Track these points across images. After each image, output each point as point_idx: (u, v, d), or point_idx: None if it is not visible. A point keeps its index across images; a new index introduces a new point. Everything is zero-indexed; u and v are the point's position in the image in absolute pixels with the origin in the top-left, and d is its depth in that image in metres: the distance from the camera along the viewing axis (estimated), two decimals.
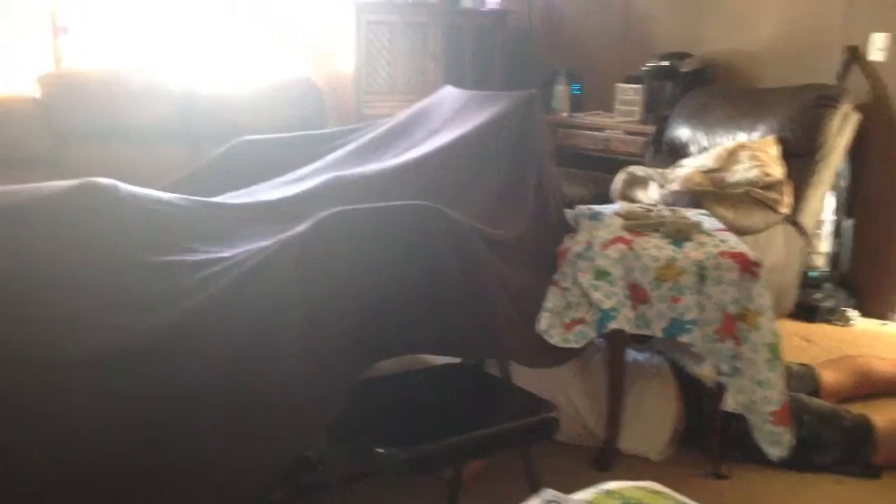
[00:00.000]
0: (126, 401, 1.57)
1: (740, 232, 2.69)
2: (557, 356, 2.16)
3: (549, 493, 1.08)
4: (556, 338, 2.16)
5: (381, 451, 1.54)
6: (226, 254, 1.84)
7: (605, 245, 2.27)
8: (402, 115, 2.82)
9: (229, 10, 4.36)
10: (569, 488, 1.15)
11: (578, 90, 4.54)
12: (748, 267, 2.20)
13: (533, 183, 2.42)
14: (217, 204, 2.17)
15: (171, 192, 2.22)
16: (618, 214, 2.49)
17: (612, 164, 3.76)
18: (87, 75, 3.69)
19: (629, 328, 2.20)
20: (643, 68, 4.09)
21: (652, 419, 2.40)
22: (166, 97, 3.72)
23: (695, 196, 2.98)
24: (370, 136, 2.77)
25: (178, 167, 2.89)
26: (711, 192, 3.12)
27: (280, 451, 1.65)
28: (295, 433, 1.64)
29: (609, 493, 1.12)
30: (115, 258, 1.78)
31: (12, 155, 3.31)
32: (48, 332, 1.60)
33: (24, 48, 3.76)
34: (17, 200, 1.82)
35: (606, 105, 4.38)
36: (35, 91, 3.54)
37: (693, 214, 2.59)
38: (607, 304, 2.19)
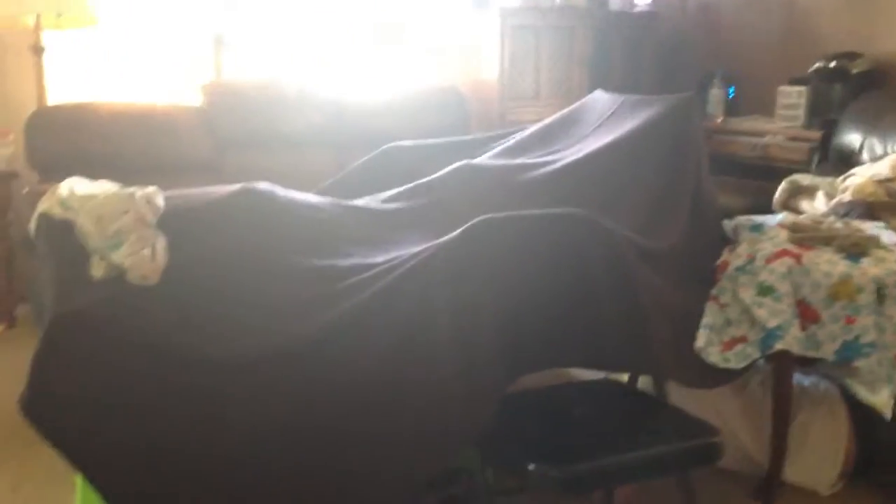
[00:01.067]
0: (282, 403, 1.60)
1: None
2: (716, 377, 2.03)
3: None
4: (714, 356, 2.03)
5: (533, 467, 1.48)
6: (378, 258, 1.85)
7: (770, 259, 2.11)
8: (551, 119, 2.76)
9: (377, 21, 4.45)
10: None
11: (734, 94, 4.30)
12: None
13: (689, 192, 2.30)
14: (370, 209, 2.19)
15: (321, 196, 2.26)
16: (782, 226, 2.32)
17: (771, 172, 3.53)
18: (245, 85, 3.86)
19: (797, 349, 2.04)
20: (809, 70, 3.82)
21: (820, 449, 2.21)
22: (318, 105, 3.84)
23: (869, 207, 2.73)
24: (516, 140, 2.74)
25: (327, 172, 2.95)
26: (888, 204, 2.86)
27: (426, 462, 1.63)
28: (442, 444, 1.61)
29: None
30: (274, 261, 1.83)
31: (178, 161, 3.51)
32: (217, 333, 1.66)
33: (188, 60, 3.99)
34: (185, 204, 1.90)
35: (764, 109, 4.12)
36: (197, 100, 3.74)
37: (869, 227, 2.37)
38: (772, 323, 2.03)
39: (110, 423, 1.55)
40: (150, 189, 1.85)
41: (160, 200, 1.82)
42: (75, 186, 1.83)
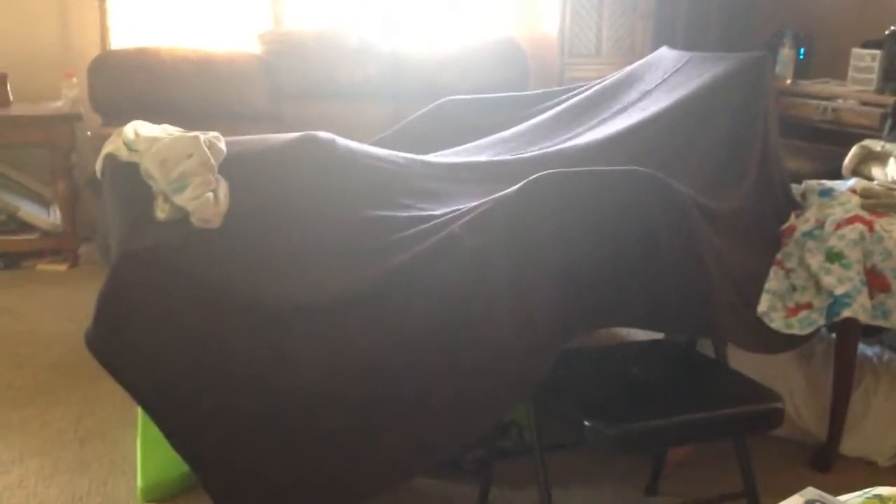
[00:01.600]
0: (346, 348, 1.61)
1: None
2: (779, 342, 1.98)
3: (812, 492, 0.97)
4: (777, 322, 1.99)
5: (589, 424, 1.47)
6: (437, 211, 1.84)
7: (840, 225, 2.05)
8: (613, 76, 2.69)
9: None
10: (783, 487, 1.05)
11: (804, 55, 4.14)
12: None
13: (757, 153, 2.23)
14: (429, 162, 2.17)
15: (379, 147, 2.25)
16: (853, 192, 2.24)
17: (841, 137, 3.41)
18: (303, 34, 3.84)
19: (864, 318, 1.98)
20: (884, 33, 3.65)
21: (880, 421, 2.16)
22: (376, 57, 3.81)
23: None
24: (577, 98, 2.68)
25: (384, 124, 2.94)
26: None
27: (481, 414, 1.63)
28: (499, 394, 1.61)
29: (881, 498, 0.99)
30: (333, 209, 1.83)
31: (237, 109, 3.53)
32: (278, 278, 1.67)
33: (245, 7, 3.98)
34: (246, 150, 1.90)
35: (836, 72, 3.97)
36: (256, 48, 3.74)
37: None
38: (840, 290, 1.97)
39: (173, 360, 1.58)
40: (213, 134, 1.85)
41: (223, 145, 1.83)
42: (140, 129, 1.84)
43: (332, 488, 1.62)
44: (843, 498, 0.98)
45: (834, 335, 2.14)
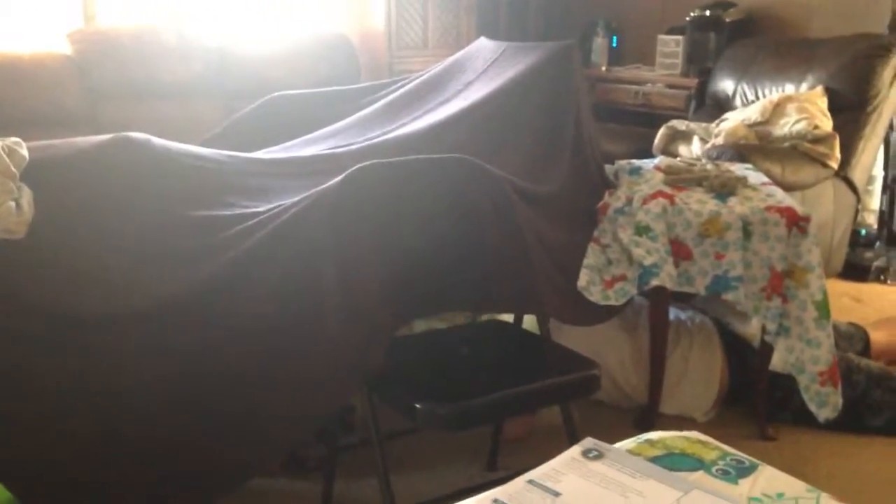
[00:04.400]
0: (169, 355, 1.57)
1: (788, 188, 2.59)
2: (598, 314, 2.11)
3: (590, 442, 1.05)
4: (596, 295, 2.11)
5: (420, 406, 1.51)
6: (261, 208, 1.82)
7: (646, 200, 2.20)
8: (436, 68, 2.75)
9: None
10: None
11: (617, 43, 4.41)
12: (796, 222, 2.12)
13: (571, 137, 2.35)
14: (252, 159, 2.14)
15: (206, 147, 2.20)
16: (658, 169, 2.41)
17: (653, 119, 3.67)
18: (117, 31, 3.66)
19: (671, 285, 2.14)
20: (686, 19, 3.95)
21: (696, 379, 2.35)
22: (199, 54, 3.70)
23: (739, 150, 2.88)
24: (403, 90, 2.71)
25: (212, 124, 2.86)
26: (757, 146, 3.02)
27: (318, 406, 1.64)
28: (333, 388, 1.62)
29: (651, 442, 1.09)
30: (152, 212, 1.77)
31: (48, 112, 3.32)
32: (90, 287, 1.60)
33: (54, 4, 3.73)
34: (52, 155, 1.80)
35: (646, 58, 4.25)
36: (66, 48, 3.52)
37: (738, 169, 2.50)
38: (648, 261, 2.13)
39: None
40: (13, 139, 1.74)
41: (24, 151, 1.72)
42: None
43: (171, 494, 1.58)
44: (618, 445, 1.07)
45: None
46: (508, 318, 2.11)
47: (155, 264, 1.68)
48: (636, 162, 2.51)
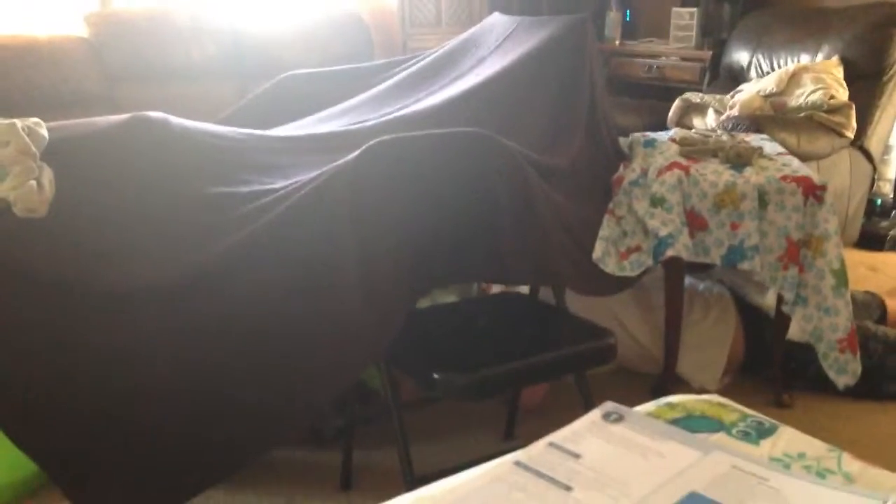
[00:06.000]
0: (189, 331, 1.59)
1: (804, 158, 2.58)
2: (613, 284, 2.12)
3: (610, 405, 1.07)
4: (611, 266, 2.12)
5: (438, 376, 1.54)
6: (278, 184, 1.84)
7: (661, 172, 2.20)
8: (450, 44, 2.75)
9: None
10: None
11: (630, 16, 4.38)
12: (812, 191, 2.11)
13: (585, 110, 2.36)
14: (269, 136, 2.16)
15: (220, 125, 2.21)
16: (673, 140, 2.41)
17: (668, 92, 3.65)
18: (133, 14, 3.68)
19: (687, 255, 2.15)
20: None
21: (711, 348, 2.36)
22: (213, 35, 3.71)
23: (755, 121, 2.86)
24: (417, 66, 2.72)
25: (227, 104, 2.88)
26: (772, 117, 3.00)
27: (336, 378, 1.66)
28: (350, 360, 1.65)
29: (671, 405, 1.10)
30: (170, 190, 1.79)
31: (66, 94, 3.34)
32: (111, 264, 1.62)
33: None
34: (71, 134, 1.83)
35: (660, 32, 4.22)
36: (83, 30, 3.55)
37: (754, 139, 2.50)
38: (664, 232, 2.13)
39: (5, 355, 1.51)
40: (33, 120, 1.76)
41: (44, 131, 1.75)
42: None
43: (194, 468, 1.61)
44: (637, 408, 1.08)
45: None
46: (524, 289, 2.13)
47: (174, 240, 1.71)
48: (651, 134, 2.50)
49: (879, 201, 3.48)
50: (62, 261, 1.62)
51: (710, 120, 3.17)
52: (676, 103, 3.31)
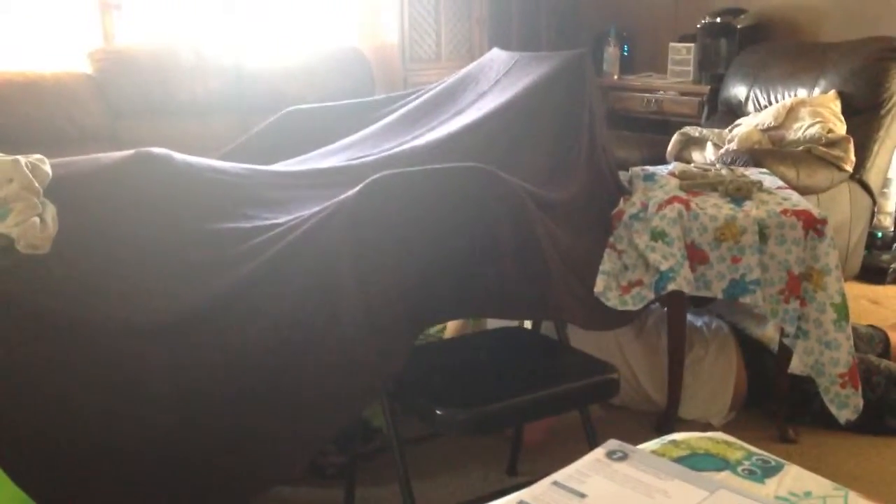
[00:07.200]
0: (191, 368, 1.59)
1: (803, 191, 2.60)
2: (614, 319, 2.12)
3: (614, 443, 1.06)
4: (613, 300, 2.12)
5: (440, 412, 1.53)
6: (280, 219, 1.85)
7: (661, 206, 2.21)
8: (450, 79, 2.78)
9: None
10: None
11: (628, 51, 4.43)
12: (813, 225, 2.12)
13: (585, 145, 2.37)
14: (271, 172, 2.17)
15: (223, 161, 2.23)
16: (672, 174, 2.42)
17: (666, 126, 3.68)
18: (137, 50, 3.72)
19: (688, 289, 2.15)
20: (697, 26, 3.97)
21: (713, 384, 2.35)
22: (216, 71, 3.74)
23: (754, 155, 2.88)
24: (418, 102, 2.74)
25: (229, 140, 2.90)
26: (771, 151, 3.02)
27: (338, 413, 1.65)
28: (352, 395, 1.64)
29: (675, 443, 1.09)
30: (173, 226, 1.80)
31: (69, 131, 3.37)
32: (113, 301, 1.63)
33: (74, 24, 3.80)
34: (74, 171, 1.84)
35: (658, 66, 4.27)
36: (86, 67, 3.58)
37: (753, 173, 2.51)
38: (665, 266, 2.13)
39: (6, 393, 1.50)
40: (37, 156, 1.78)
41: (47, 167, 1.76)
42: None
43: None
44: (642, 446, 1.08)
45: (665, 309, 2.31)
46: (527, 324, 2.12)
47: (177, 277, 1.71)
48: (650, 168, 2.52)
49: (880, 234, 3.49)
50: (64, 297, 1.62)
51: (709, 154, 3.19)
52: (675, 137, 3.33)
